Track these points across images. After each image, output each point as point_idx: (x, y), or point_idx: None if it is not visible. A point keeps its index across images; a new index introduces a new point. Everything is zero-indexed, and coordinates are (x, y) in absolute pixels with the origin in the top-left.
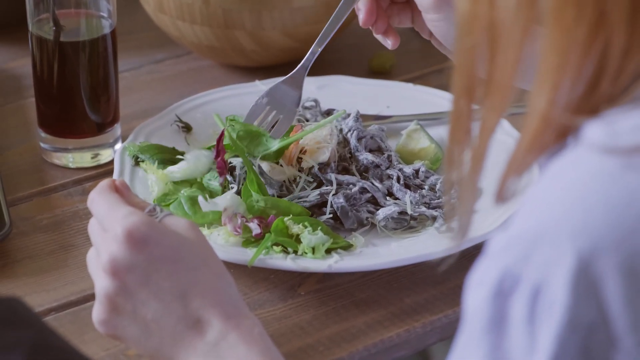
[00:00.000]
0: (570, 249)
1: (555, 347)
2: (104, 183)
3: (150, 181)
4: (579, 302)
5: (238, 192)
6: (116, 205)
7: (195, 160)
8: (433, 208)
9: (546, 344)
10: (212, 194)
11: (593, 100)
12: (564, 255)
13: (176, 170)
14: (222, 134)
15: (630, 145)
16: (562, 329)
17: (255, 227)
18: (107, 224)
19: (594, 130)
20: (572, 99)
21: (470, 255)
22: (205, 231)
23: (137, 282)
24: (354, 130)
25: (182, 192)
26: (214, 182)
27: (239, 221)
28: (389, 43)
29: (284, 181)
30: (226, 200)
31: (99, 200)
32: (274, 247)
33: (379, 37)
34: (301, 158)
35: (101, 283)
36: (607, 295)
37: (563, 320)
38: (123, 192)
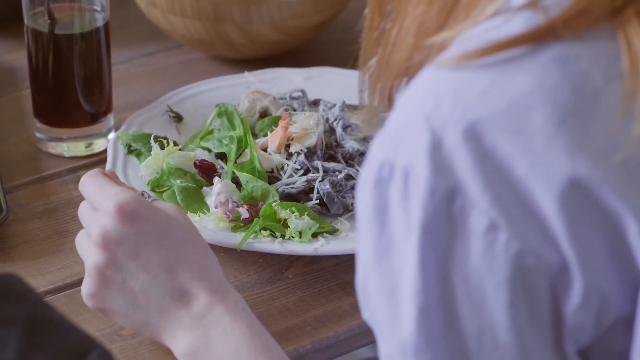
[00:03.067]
0: (425, 130)
1: (423, 216)
2: (95, 169)
3: (142, 164)
4: (436, 174)
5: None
6: (108, 185)
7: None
8: None
9: (416, 216)
10: (203, 183)
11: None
12: (422, 136)
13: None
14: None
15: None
16: (426, 199)
17: (244, 212)
18: (98, 202)
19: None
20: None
21: None
22: (195, 217)
23: (127, 254)
24: (339, 120)
25: (177, 181)
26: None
27: (230, 206)
28: None
29: (272, 169)
30: (220, 186)
31: (91, 182)
32: (263, 232)
33: None
34: (289, 144)
35: (92, 257)
36: (458, 164)
37: (426, 191)
38: (113, 179)
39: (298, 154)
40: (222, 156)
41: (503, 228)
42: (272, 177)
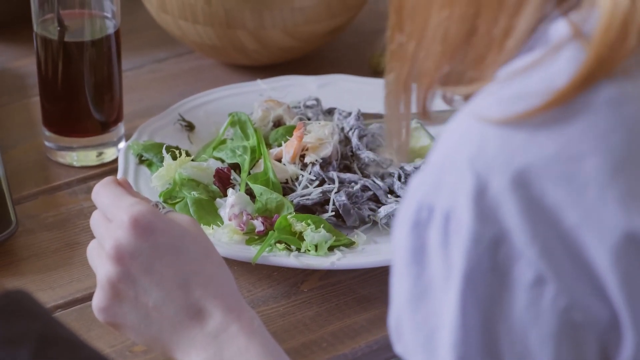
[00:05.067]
0: (469, 173)
1: (465, 265)
2: (109, 178)
3: (154, 175)
4: (481, 221)
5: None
6: (122, 196)
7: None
8: None
9: (458, 264)
10: (216, 194)
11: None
12: (464, 179)
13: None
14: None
15: (501, 117)
16: (469, 247)
17: (259, 225)
18: (112, 213)
19: (482, 97)
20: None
21: None
22: (209, 230)
23: (141, 269)
24: (355, 129)
25: (192, 193)
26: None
27: (245, 218)
28: None
29: (287, 180)
30: (234, 197)
31: (104, 192)
32: (277, 245)
33: None
34: (304, 155)
35: (104, 270)
36: (505, 211)
37: (469, 239)
38: (126, 188)
39: (313, 164)
40: (235, 167)
41: (551, 282)
42: (286, 188)
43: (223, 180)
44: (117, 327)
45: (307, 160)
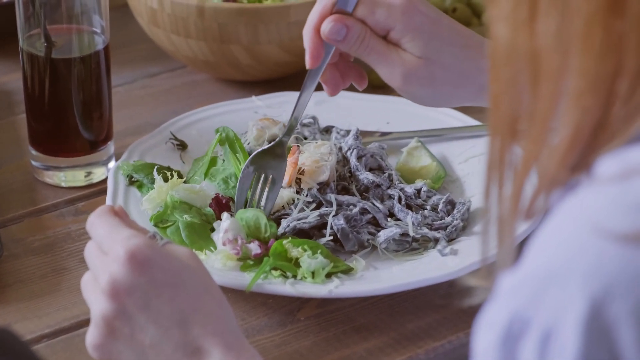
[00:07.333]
0: (581, 292)
1: None
2: (104, 207)
3: (145, 198)
4: (590, 348)
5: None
6: (118, 228)
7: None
8: (435, 229)
9: None
10: (209, 218)
11: (606, 129)
12: (575, 298)
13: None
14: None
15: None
16: None
17: (255, 247)
18: (107, 246)
19: (595, 199)
20: (594, 123)
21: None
22: (202, 255)
23: (137, 305)
24: (353, 149)
25: (184, 217)
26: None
27: (239, 242)
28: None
29: (282, 206)
30: (228, 222)
31: (100, 223)
32: (273, 272)
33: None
34: (300, 179)
35: (99, 305)
36: (620, 341)
37: None
38: (122, 218)
39: (309, 189)
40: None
41: None
42: (282, 215)
43: (221, 206)
44: None
45: (303, 186)
